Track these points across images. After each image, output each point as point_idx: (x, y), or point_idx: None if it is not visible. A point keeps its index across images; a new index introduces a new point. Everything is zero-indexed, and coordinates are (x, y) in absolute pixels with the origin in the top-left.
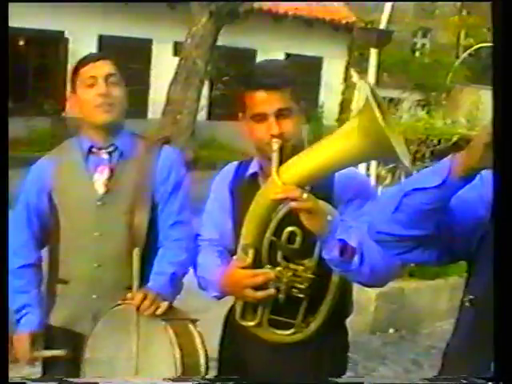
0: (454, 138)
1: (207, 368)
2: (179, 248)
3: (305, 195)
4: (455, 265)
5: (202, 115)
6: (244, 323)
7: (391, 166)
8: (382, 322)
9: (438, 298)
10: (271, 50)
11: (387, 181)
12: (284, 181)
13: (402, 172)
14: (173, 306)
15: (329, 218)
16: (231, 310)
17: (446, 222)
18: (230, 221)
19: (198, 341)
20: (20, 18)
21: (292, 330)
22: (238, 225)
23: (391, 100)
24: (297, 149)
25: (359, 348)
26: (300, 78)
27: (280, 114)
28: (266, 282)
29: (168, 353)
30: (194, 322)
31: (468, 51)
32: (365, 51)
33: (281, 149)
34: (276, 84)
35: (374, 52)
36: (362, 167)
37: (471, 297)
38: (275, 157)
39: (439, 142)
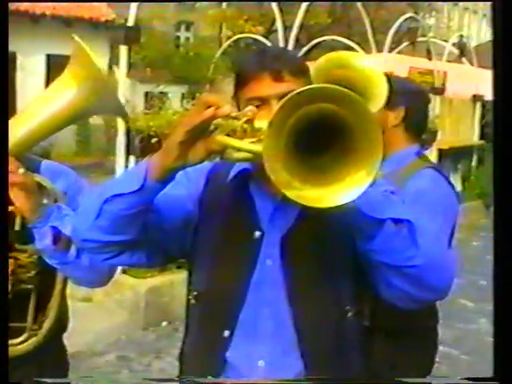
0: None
1: None
2: None
3: (21, 170)
4: None
5: None
6: None
7: None
8: (154, 316)
9: None
10: (31, 52)
11: None
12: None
13: None
14: None
15: (44, 201)
16: None
17: (153, 223)
18: None
19: None
20: None
21: (24, 336)
22: None
23: (150, 94)
24: None
25: (133, 345)
26: None
27: None
28: None
29: None
30: None
31: (227, 42)
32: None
33: None
34: None
35: (123, 49)
36: (121, 164)
37: (195, 293)
38: None
39: None
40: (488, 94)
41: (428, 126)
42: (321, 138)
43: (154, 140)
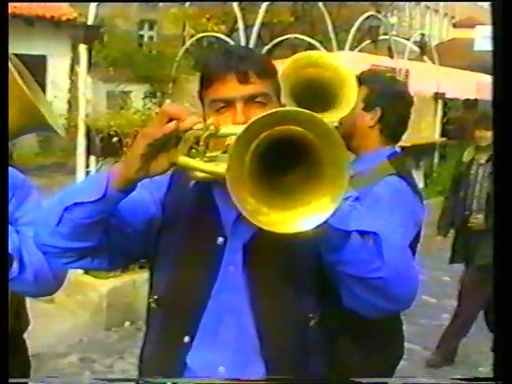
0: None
1: None
2: None
3: None
4: None
5: None
6: None
7: (114, 160)
8: (117, 316)
9: None
10: None
11: None
12: None
13: None
14: None
15: None
16: None
17: (115, 227)
18: None
19: None
20: None
21: None
22: None
23: (112, 93)
24: None
25: (95, 346)
26: None
27: None
28: None
29: None
30: None
31: (189, 41)
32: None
33: None
34: None
35: (83, 48)
36: (81, 164)
37: (156, 297)
38: None
39: None
40: (449, 92)
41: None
42: (287, 159)
43: (114, 139)
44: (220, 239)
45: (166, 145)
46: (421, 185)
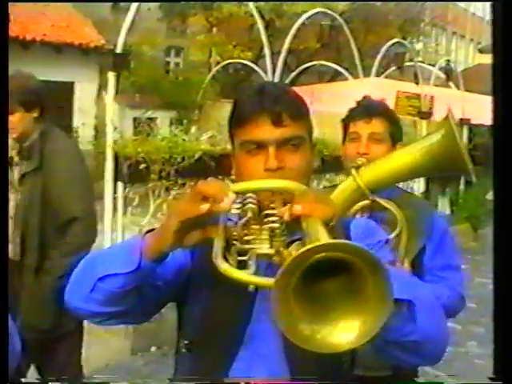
0: (197, 155)
1: None
2: None
3: None
4: None
5: None
6: None
7: (141, 187)
8: (143, 341)
9: None
10: None
11: (135, 202)
12: None
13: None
14: None
15: None
16: None
17: (147, 284)
18: None
19: None
20: None
21: None
22: None
23: (139, 119)
24: None
25: (121, 371)
26: (52, 104)
27: None
28: None
29: None
30: None
31: (216, 68)
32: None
33: None
34: None
35: (111, 74)
36: (109, 190)
37: (186, 342)
38: None
39: (183, 159)
40: (474, 118)
41: None
42: (329, 272)
43: (142, 166)
44: (251, 287)
45: (199, 220)
46: (447, 211)
